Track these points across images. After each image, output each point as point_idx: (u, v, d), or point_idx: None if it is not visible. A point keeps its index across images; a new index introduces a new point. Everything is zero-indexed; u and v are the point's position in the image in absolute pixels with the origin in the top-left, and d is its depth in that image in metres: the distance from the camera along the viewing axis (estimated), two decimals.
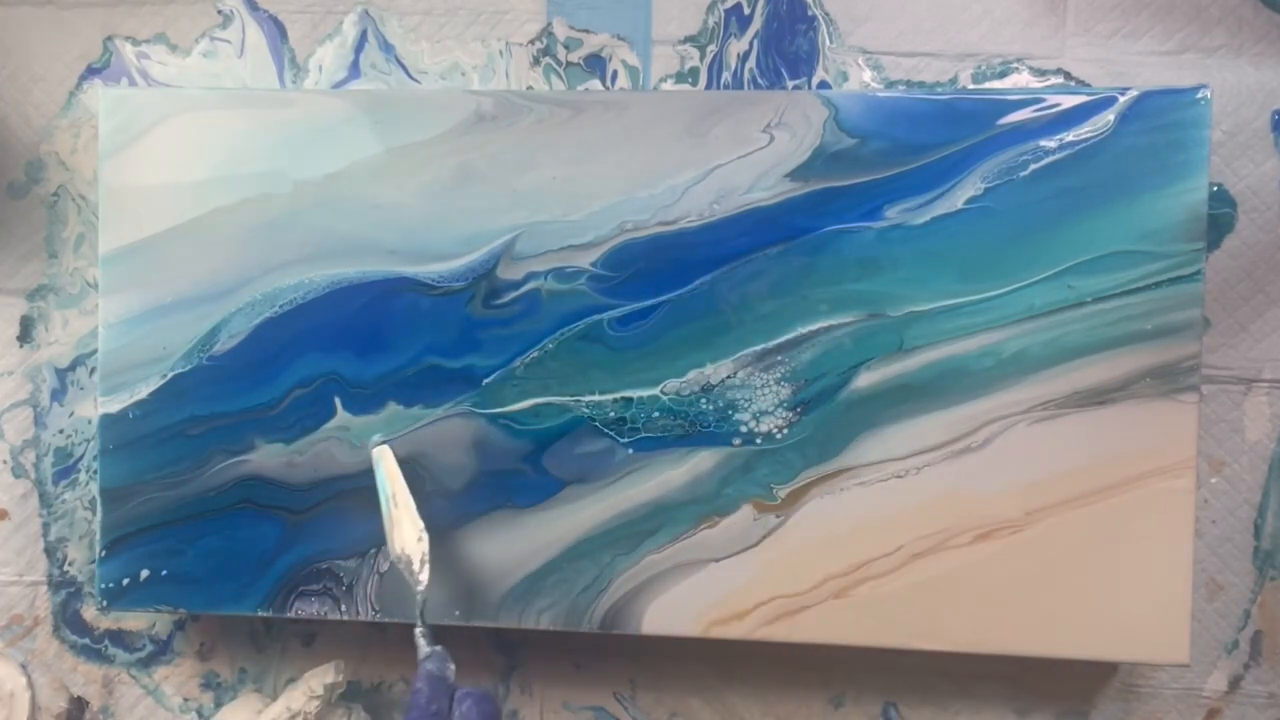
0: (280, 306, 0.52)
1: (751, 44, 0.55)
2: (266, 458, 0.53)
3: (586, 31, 0.56)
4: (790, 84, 0.55)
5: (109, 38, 0.59)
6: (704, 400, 0.50)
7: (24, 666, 0.60)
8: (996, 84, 0.54)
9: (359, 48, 0.57)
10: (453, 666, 0.47)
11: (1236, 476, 0.54)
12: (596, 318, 0.51)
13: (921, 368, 0.49)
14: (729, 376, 0.50)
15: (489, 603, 0.52)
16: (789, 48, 0.55)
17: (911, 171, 0.49)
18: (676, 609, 0.51)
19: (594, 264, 0.51)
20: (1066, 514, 0.49)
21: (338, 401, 0.52)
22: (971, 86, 0.54)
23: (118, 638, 0.60)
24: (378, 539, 0.52)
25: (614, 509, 0.51)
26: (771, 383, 0.50)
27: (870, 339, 0.50)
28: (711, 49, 0.56)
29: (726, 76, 0.56)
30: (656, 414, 0.51)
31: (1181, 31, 0.54)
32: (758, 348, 0.50)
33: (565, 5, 0.57)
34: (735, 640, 0.51)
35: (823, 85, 0.55)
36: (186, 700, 0.60)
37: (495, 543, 0.52)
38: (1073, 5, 0.54)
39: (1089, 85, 0.54)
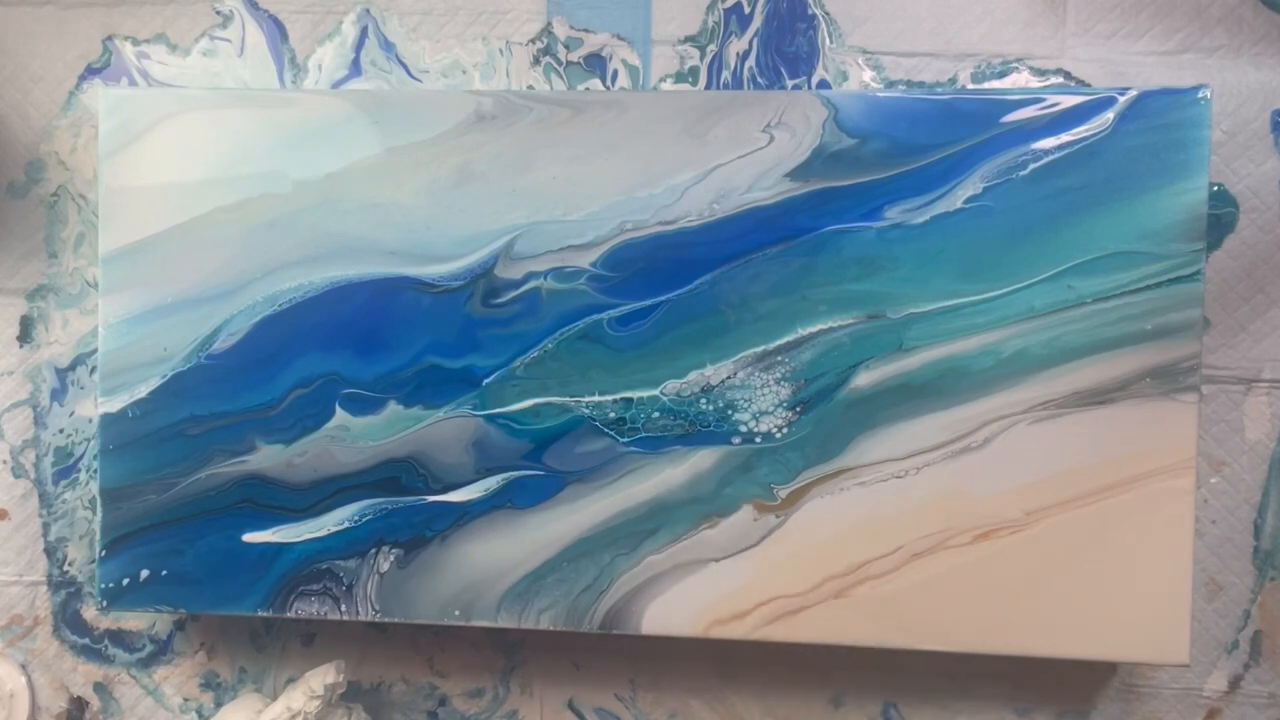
0: (280, 306, 0.52)
1: (751, 43, 0.55)
2: (266, 458, 0.53)
3: (586, 31, 0.57)
4: (790, 84, 0.55)
5: (109, 38, 0.59)
6: (704, 400, 0.50)
7: (24, 666, 0.60)
8: (996, 84, 0.54)
9: (359, 46, 0.57)
10: None
11: (1236, 476, 0.54)
12: (596, 318, 0.51)
13: (921, 368, 0.49)
14: (729, 377, 0.50)
15: (489, 603, 0.52)
16: (789, 47, 0.55)
17: (911, 171, 0.49)
18: (676, 609, 0.51)
19: (594, 264, 0.51)
20: (1066, 514, 0.49)
21: (338, 402, 0.52)
22: (971, 86, 0.54)
23: (118, 638, 0.60)
24: (378, 538, 0.52)
25: (614, 509, 0.51)
26: (771, 383, 0.50)
27: (870, 339, 0.50)
28: (711, 49, 0.56)
29: (726, 76, 0.56)
30: (656, 414, 0.51)
31: (1181, 31, 0.54)
32: (758, 349, 0.50)
33: (565, 5, 0.57)
34: (735, 640, 0.51)
35: (822, 85, 0.55)
36: (186, 700, 0.60)
37: (495, 543, 0.52)
38: (1073, 5, 0.54)
39: (1089, 85, 0.54)
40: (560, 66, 0.57)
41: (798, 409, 0.50)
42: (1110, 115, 0.48)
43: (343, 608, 0.53)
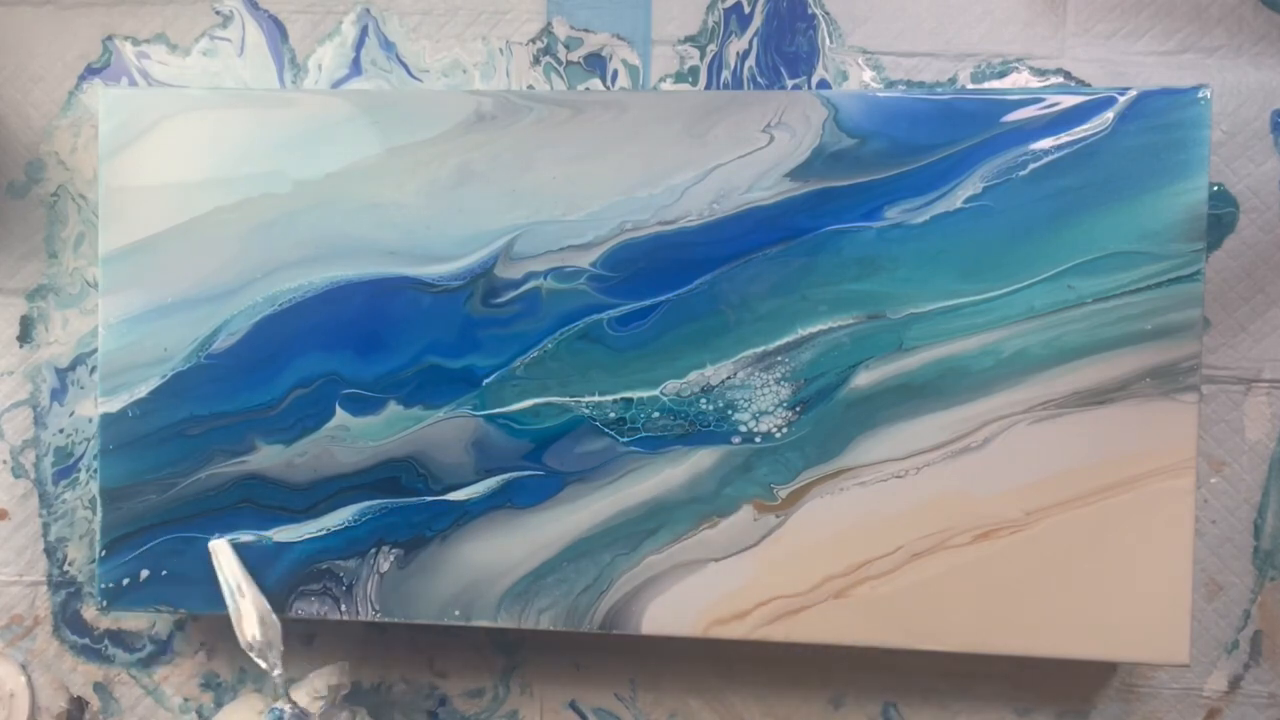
0: (280, 306, 0.52)
1: (751, 43, 0.55)
2: (266, 458, 0.53)
3: (586, 31, 0.57)
4: (790, 83, 0.55)
5: (109, 38, 0.59)
6: (704, 400, 0.50)
7: (24, 666, 0.60)
8: (996, 84, 0.54)
9: (359, 46, 0.57)
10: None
11: (1236, 476, 0.54)
12: (596, 318, 0.51)
13: (921, 367, 0.49)
14: (729, 377, 0.50)
15: (489, 603, 0.52)
16: (789, 47, 0.55)
17: (911, 171, 0.49)
18: (676, 609, 0.51)
19: (594, 264, 0.51)
20: (1066, 514, 0.49)
21: (338, 402, 0.52)
22: (971, 86, 0.54)
23: (118, 638, 0.60)
24: (378, 538, 0.52)
25: (614, 509, 0.51)
26: (771, 383, 0.50)
27: (870, 339, 0.50)
28: (711, 48, 0.56)
29: (726, 76, 0.56)
30: (656, 414, 0.51)
31: (1181, 31, 0.54)
32: (758, 349, 0.50)
33: (565, 4, 0.57)
34: (735, 640, 0.51)
35: (822, 85, 0.55)
36: (186, 700, 0.60)
37: (495, 543, 0.52)
38: (1073, 5, 0.54)
39: (1089, 85, 0.54)
40: (560, 66, 0.57)
41: (798, 409, 0.50)
42: (1110, 115, 0.48)
43: (343, 608, 0.53)
